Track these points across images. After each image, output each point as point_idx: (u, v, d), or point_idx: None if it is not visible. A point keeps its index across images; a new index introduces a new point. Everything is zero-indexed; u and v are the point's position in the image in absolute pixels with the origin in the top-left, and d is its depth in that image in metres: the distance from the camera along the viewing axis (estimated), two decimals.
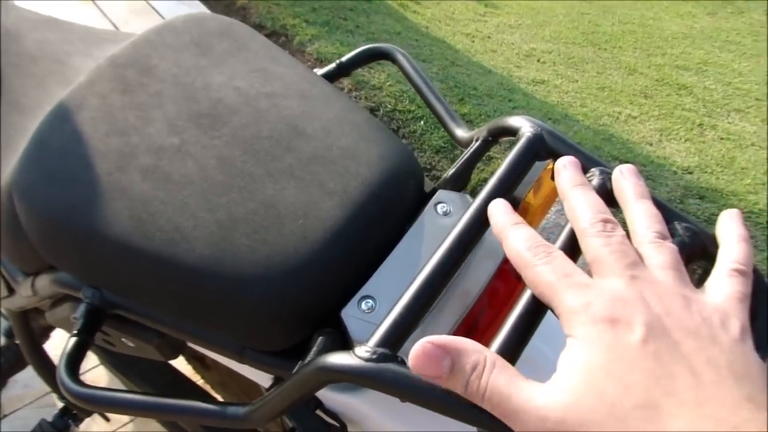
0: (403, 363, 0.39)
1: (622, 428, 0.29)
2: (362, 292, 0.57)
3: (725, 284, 0.36)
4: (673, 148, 2.90)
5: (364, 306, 0.56)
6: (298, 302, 0.57)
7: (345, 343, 0.57)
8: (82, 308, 0.64)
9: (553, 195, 0.62)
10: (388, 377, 0.38)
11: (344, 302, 0.57)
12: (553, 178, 0.46)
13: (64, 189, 0.63)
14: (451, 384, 0.34)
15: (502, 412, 0.33)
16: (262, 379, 0.68)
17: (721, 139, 3.07)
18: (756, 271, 0.38)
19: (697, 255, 0.42)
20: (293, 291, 0.57)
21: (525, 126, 0.54)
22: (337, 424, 0.64)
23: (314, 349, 0.55)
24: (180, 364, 1.28)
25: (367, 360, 0.39)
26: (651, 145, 2.92)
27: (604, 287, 0.34)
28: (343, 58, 0.84)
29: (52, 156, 0.65)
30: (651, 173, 2.64)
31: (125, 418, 1.55)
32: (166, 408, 0.57)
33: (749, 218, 2.48)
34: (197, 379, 1.40)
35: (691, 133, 3.08)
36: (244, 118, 0.67)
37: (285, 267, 0.57)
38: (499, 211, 0.42)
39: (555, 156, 0.53)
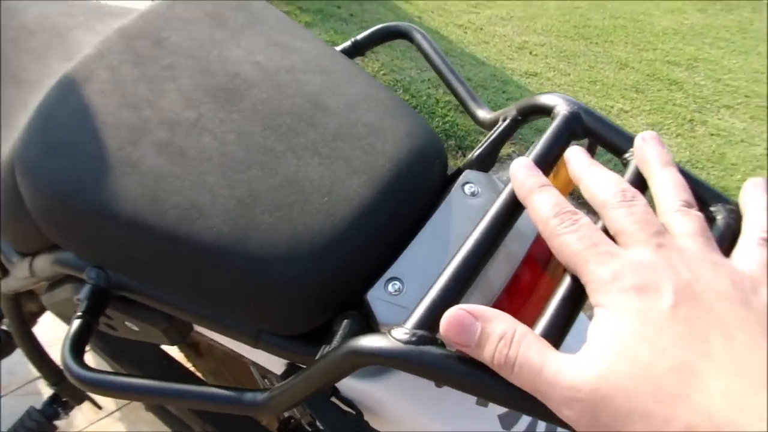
0: (442, 345, 0.37)
1: (657, 392, 0.28)
2: (389, 273, 0.54)
3: (754, 252, 0.35)
4: (665, 143, 2.89)
5: (390, 288, 0.53)
6: (323, 284, 0.55)
7: (368, 326, 0.55)
8: (86, 289, 0.61)
9: (571, 183, 0.60)
10: (428, 360, 0.36)
11: (369, 284, 0.55)
12: None
13: (71, 163, 0.59)
14: (478, 353, 0.33)
15: (532, 385, 0.32)
16: (275, 365, 0.65)
17: (712, 135, 3.08)
18: None
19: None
20: (318, 272, 0.54)
21: (561, 104, 0.52)
22: (353, 412, 0.61)
23: (340, 332, 0.52)
24: (172, 350, 1.25)
25: (406, 342, 0.37)
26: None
27: (631, 256, 0.33)
28: (359, 36, 0.81)
29: (58, 129, 0.61)
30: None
31: (113, 405, 1.52)
32: (179, 394, 0.54)
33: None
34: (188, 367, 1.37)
35: (682, 129, 3.08)
36: (264, 93, 0.64)
37: (310, 247, 0.54)
38: (524, 171, 0.41)
39: (592, 135, 0.51)
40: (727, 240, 0.38)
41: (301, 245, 0.54)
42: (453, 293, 0.40)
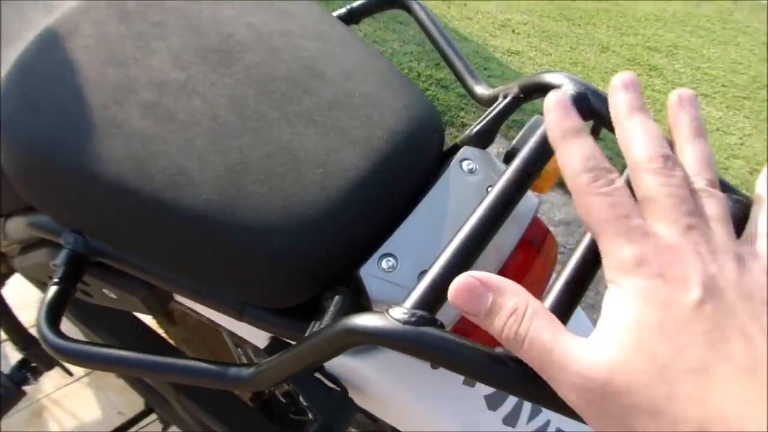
0: (442, 327, 0.36)
1: (671, 391, 0.27)
2: (383, 249, 0.52)
3: None
4: None
5: (384, 264, 0.52)
6: (314, 257, 0.53)
7: (359, 303, 0.53)
8: (63, 255, 0.58)
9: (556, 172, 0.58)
10: (427, 342, 0.34)
11: (361, 259, 0.53)
12: None
13: (51, 120, 0.56)
14: (487, 324, 0.32)
15: (541, 365, 0.30)
16: (258, 338, 0.63)
17: None
18: None
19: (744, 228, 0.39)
20: (309, 245, 0.52)
21: (567, 83, 0.51)
22: (338, 389, 0.60)
23: (331, 309, 0.51)
24: (144, 316, 1.23)
25: (405, 322, 0.35)
26: None
27: (661, 237, 0.31)
28: (354, 4, 0.78)
29: (39, 84, 0.58)
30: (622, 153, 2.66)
31: (81, 371, 1.49)
32: (162, 367, 0.52)
33: None
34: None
35: (660, 115, 3.10)
36: (258, 57, 0.61)
37: (302, 218, 0.52)
38: (560, 110, 0.36)
39: (599, 118, 0.49)
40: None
41: (292, 216, 0.52)
42: (453, 273, 0.38)
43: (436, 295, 0.37)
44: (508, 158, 0.64)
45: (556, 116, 0.36)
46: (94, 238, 0.58)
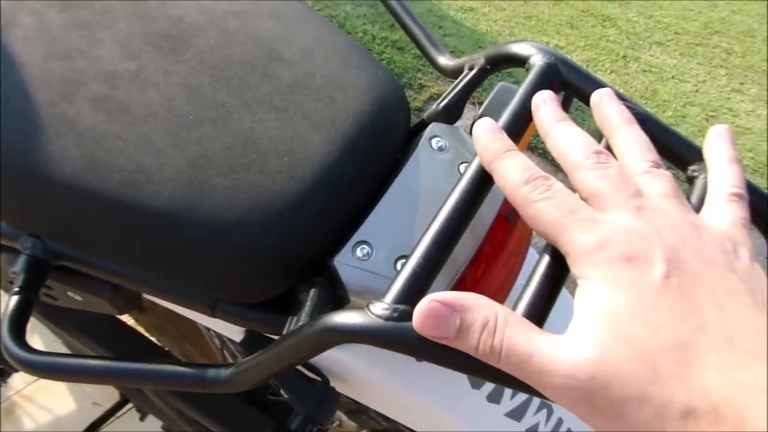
0: None
1: (654, 374, 0.27)
2: (356, 237, 0.51)
3: (726, 210, 0.34)
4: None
5: (359, 253, 0.50)
6: (285, 250, 0.51)
7: (335, 294, 0.52)
8: (22, 261, 0.55)
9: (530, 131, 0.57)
10: (411, 337, 0.33)
11: (334, 248, 0.51)
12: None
13: None
14: (461, 345, 0.31)
15: (523, 373, 0.30)
16: (234, 332, 0.62)
17: (644, 71, 3.12)
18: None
19: None
20: (279, 237, 0.50)
21: (535, 54, 0.49)
22: (319, 379, 0.59)
23: (308, 303, 0.49)
24: None
25: (387, 318, 0.34)
26: None
27: (615, 221, 0.31)
28: None
29: None
30: (580, 106, 2.66)
31: None
32: (134, 374, 0.51)
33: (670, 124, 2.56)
34: (129, 322, 1.33)
35: (616, 65, 3.11)
36: (211, 40, 0.58)
37: (270, 210, 0.50)
38: (487, 134, 0.37)
39: (571, 89, 0.48)
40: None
41: (260, 209, 0.50)
42: (433, 262, 0.37)
43: (417, 288, 0.36)
44: None
45: (483, 141, 0.37)
46: (53, 241, 0.56)
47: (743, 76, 3.29)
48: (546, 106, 0.39)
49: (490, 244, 0.55)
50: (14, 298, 0.54)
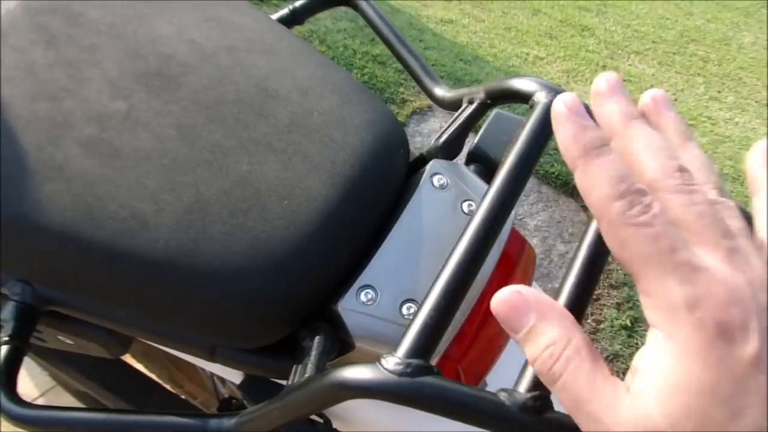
0: (439, 374, 0.33)
1: None
2: (360, 281, 0.49)
3: None
4: (581, 90, 2.94)
5: (363, 297, 0.49)
6: (287, 297, 0.49)
7: (340, 339, 0.51)
8: (10, 308, 0.53)
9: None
10: (428, 394, 0.32)
11: (337, 292, 0.50)
12: None
13: None
14: (523, 346, 0.29)
15: (575, 412, 0.28)
16: (233, 374, 0.60)
17: (624, 81, 3.13)
18: None
19: None
20: (281, 285, 0.49)
21: (539, 91, 0.48)
22: (321, 420, 0.57)
23: (313, 352, 0.48)
24: None
25: (400, 374, 0.33)
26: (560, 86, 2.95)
27: (714, 275, 0.26)
28: (297, 3, 0.73)
29: None
30: None
31: (36, 393, 1.43)
32: (134, 425, 0.49)
33: None
34: None
35: (596, 75, 3.12)
36: (204, 78, 0.56)
37: (271, 258, 0.48)
38: (575, 121, 0.30)
39: None
40: None
41: (260, 256, 0.48)
42: (445, 313, 0.36)
43: (429, 340, 0.35)
44: (471, 159, 0.61)
45: (571, 130, 0.30)
46: (43, 286, 0.54)
47: (720, 84, 3.33)
48: (615, 97, 0.31)
49: (496, 280, 0.54)
50: (4, 349, 0.52)
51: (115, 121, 0.53)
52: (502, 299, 0.29)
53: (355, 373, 0.35)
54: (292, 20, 0.74)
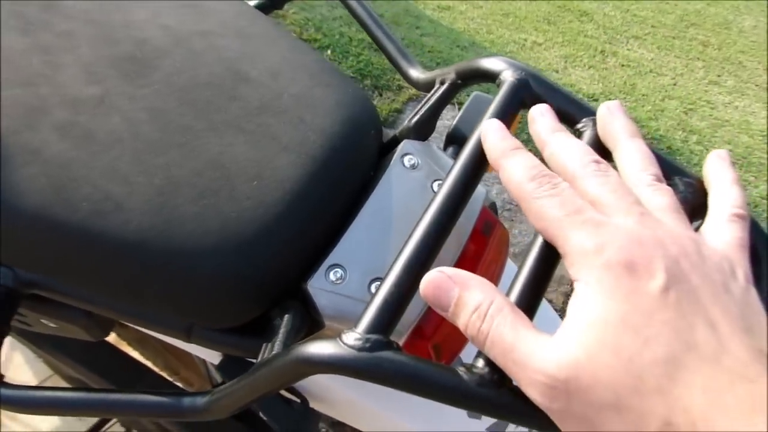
0: (399, 350, 0.34)
1: (638, 385, 0.27)
2: (329, 260, 0.50)
3: (726, 230, 0.34)
4: (579, 75, 2.93)
5: (332, 276, 0.50)
6: (257, 276, 0.50)
7: (310, 318, 0.51)
8: None
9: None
10: (386, 368, 0.33)
11: (308, 271, 0.51)
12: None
13: None
14: (454, 320, 0.33)
15: (504, 363, 0.31)
16: (210, 355, 0.61)
17: (622, 66, 3.13)
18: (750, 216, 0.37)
19: (698, 211, 0.38)
20: (251, 264, 0.50)
21: (506, 70, 0.49)
22: (298, 400, 0.58)
23: (282, 329, 0.49)
24: None
25: (360, 349, 0.34)
26: (557, 72, 2.94)
27: (618, 226, 0.31)
28: None
29: None
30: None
31: (36, 377, 1.45)
32: (111, 404, 0.50)
33: (649, 144, 2.57)
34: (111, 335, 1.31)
35: (594, 60, 3.12)
36: (177, 62, 0.57)
37: (241, 237, 0.49)
38: (495, 134, 0.38)
39: (540, 102, 0.48)
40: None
41: (231, 235, 0.49)
42: (406, 289, 0.37)
43: (389, 316, 0.36)
44: (450, 141, 0.62)
45: (491, 140, 0.38)
46: (23, 270, 0.55)
47: (720, 68, 3.31)
48: (543, 117, 0.40)
49: (467, 259, 0.55)
50: None
51: (89, 105, 0.53)
52: (428, 281, 0.33)
53: (316, 348, 0.36)
54: (270, 5, 0.74)
